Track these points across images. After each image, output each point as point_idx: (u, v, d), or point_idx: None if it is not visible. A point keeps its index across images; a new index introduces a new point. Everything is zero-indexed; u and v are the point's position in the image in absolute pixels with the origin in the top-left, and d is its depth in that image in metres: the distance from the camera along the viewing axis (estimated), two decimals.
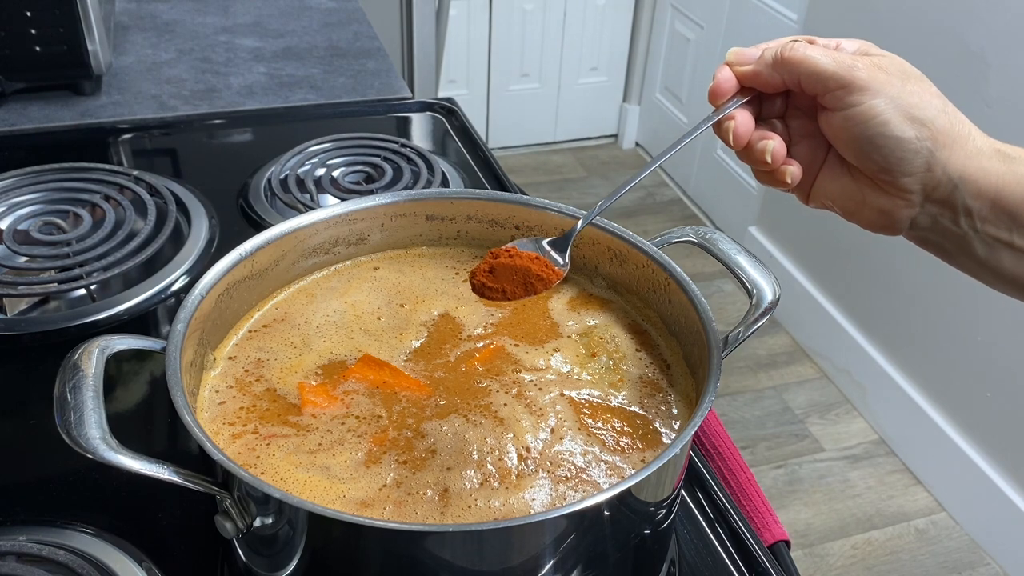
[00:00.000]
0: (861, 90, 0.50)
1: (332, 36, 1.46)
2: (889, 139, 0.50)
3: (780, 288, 0.62)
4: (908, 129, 0.50)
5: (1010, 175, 0.50)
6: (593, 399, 0.62)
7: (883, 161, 0.51)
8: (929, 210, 0.52)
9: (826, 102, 0.52)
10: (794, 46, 0.52)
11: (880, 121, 0.50)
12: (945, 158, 0.50)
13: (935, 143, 0.50)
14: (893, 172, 0.51)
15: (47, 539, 0.62)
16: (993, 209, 0.51)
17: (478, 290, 0.63)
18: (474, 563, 0.50)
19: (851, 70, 0.51)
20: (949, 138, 0.50)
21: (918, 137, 0.50)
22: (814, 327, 2.37)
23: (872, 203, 0.54)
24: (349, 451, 0.56)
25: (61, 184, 0.99)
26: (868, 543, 1.90)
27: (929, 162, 0.50)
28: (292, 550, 0.52)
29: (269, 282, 0.69)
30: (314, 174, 1.04)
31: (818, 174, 0.56)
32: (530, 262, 0.62)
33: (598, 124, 3.33)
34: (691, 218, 2.95)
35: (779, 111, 0.57)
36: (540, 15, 3.01)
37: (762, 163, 0.55)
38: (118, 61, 1.34)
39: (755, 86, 0.55)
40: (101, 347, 0.54)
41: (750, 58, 0.55)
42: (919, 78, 0.52)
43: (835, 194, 0.55)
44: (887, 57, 0.52)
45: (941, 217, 0.52)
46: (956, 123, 0.51)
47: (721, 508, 0.69)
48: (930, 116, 0.50)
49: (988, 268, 0.53)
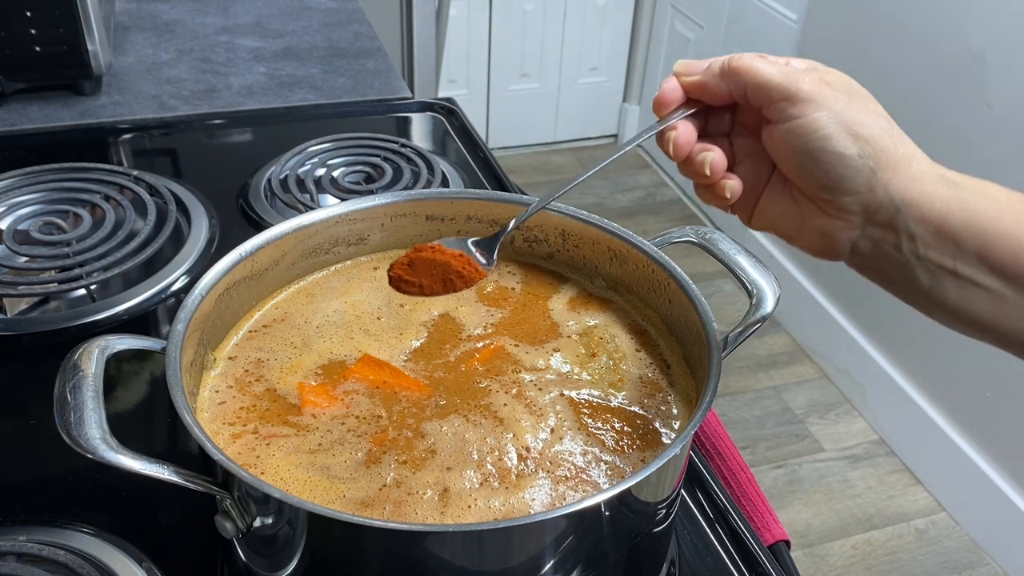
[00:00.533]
0: (804, 102, 0.49)
1: (332, 36, 1.46)
2: (831, 154, 0.49)
3: (780, 288, 0.62)
4: (851, 145, 0.49)
5: (954, 201, 0.49)
6: (593, 399, 0.62)
7: (824, 178, 0.50)
8: (871, 233, 0.51)
9: (770, 114, 0.51)
10: (741, 56, 0.52)
11: (822, 135, 0.49)
12: (887, 179, 0.49)
13: (877, 162, 0.49)
14: (834, 190, 0.50)
15: (47, 539, 0.62)
16: (937, 235, 0.49)
17: (394, 283, 0.62)
18: (474, 563, 0.50)
19: (796, 82, 0.50)
20: (892, 159, 0.49)
21: (860, 155, 0.49)
22: (814, 327, 2.37)
23: (813, 225, 0.53)
24: (349, 451, 0.56)
25: (61, 184, 0.99)
26: (868, 543, 1.90)
27: (871, 182, 0.49)
28: (292, 550, 0.52)
29: (269, 282, 0.69)
30: (314, 174, 1.04)
31: (760, 195, 0.55)
32: (452, 259, 0.62)
33: (598, 124, 3.33)
34: (691, 218, 2.95)
35: (725, 128, 0.56)
36: (540, 15, 3.01)
37: (701, 175, 0.54)
38: (118, 61, 1.34)
39: (701, 97, 0.55)
40: (101, 347, 0.54)
41: (697, 69, 0.54)
42: (866, 97, 0.51)
43: (776, 216, 0.55)
44: (834, 73, 0.51)
45: (883, 242, 0.51)
46: (901, 145, 0.50)
47: (721, 508, 0.69)
48: (874, 134, 0.49)
49: (932, 299, 0.52)
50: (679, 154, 0.54)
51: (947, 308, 0.51)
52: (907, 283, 0.52)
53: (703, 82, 0.54)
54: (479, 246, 0.64)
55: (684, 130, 0.54)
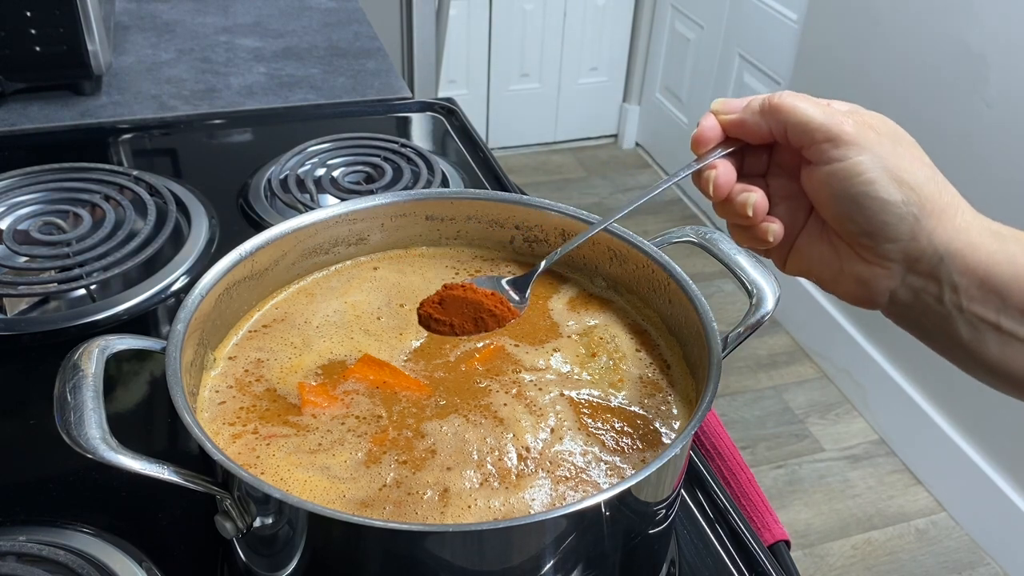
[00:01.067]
0: (848, 144, 0.48)
1: (332, 36, 1.46)
2: (874, 200, 0.48)
3: (780, 288, 0.62)
4: (895, 191, 0.47)
5: (1001, 253, 0.48)
6: (593, 399, 0.62)
7: (865, 224, 0.48)
8: (911, 283, 0.50)
9: (811, 155, 0.50)
10: (783, 94, 0.50)
11: (866, 179, 0.47)
12: (931, 227, 0.48)
13: (922, 210, 0.47)
14: (875, 237, 0.48)
15: (47, 539, 0.62)
16: (981, 288, 0.48)
17: (423, 322, 0.61)
18: (474, 563, 0.50)
19: (840, 124, 0.48)
20: (937, 207, 0.48)
21: (904, 201, 0.47)
22: (814, 327, 2.37)
23: (850, 272, 0.51)
24: (349, 451, 0.56)
25: (61, 184, 0.99)
26: (868, 543, 1.90)
27: (914, 230, 0.48)
28: (292, 550, 0.52)
29: (269, 282, 0.69)
30: (314, 174, 1.04)
31: (796, 239, 0.54)
32: (484, 297, 0.61)
33: (598, 124, 3.33)
34: (691, 218, 2.95)
35: (761, 168, 0.55)
36: (540, 15, 3.01)
37: (743, 216, 0.52)
38: (118, 61, 1.34)
39: (740, 136, 0.53)
40: (101, 347, 0.54)
41: (736, 107, 0.53)
42: (910, 143, 0.50)
43: (813, 260, 0.53)
44: (878, 117, 0.50)
45: (924, 292, 0.50)
46: (945, 193, 0.48)
47: (721, 508, 0.69)
48: (919, 181, 0.48)
49: (971, 352, 0.50)
50: (719, 194, 0.53)
51: (987, 363, 0.50)
52: (946, 335, 0.50)
53: (742, 120, 0.52)
54: (512, 285, 0.63)
55: (724, 170, 0.52)
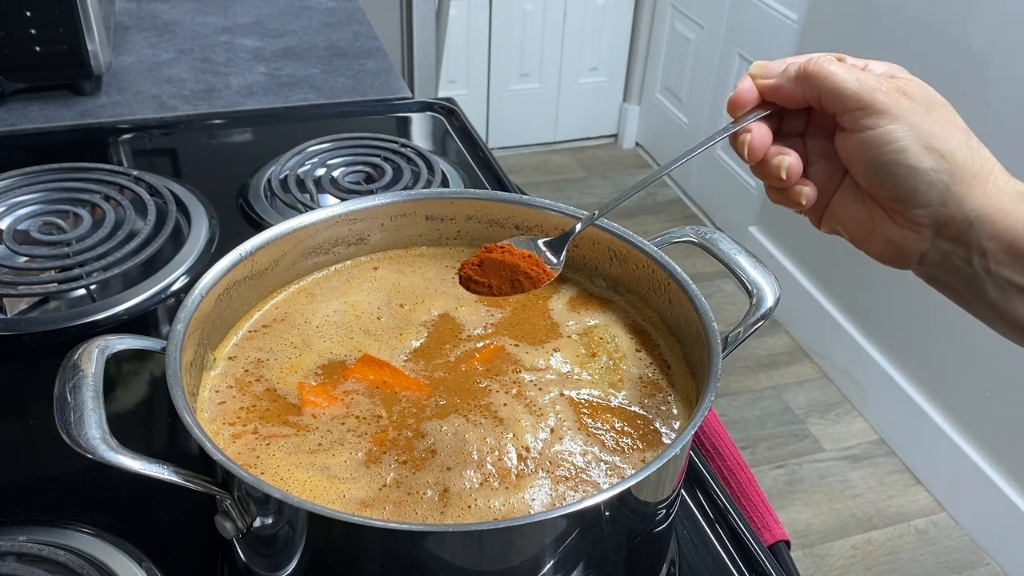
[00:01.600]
0: (880, 113, 0.49)
1: (332, 36, 1.46)
2: (904, 167, 0.48)
3: (780, 288, 0.62)
4: (925, 159, 0.48)
5: None
6: (593, 399, 0.62)
7: (896, 190, 0.49)
8: (940, 246, 0.51)
9: (844, 122, 0.51)
10: (819, 60, 0.51)
11: (897, 148, 0.48)
12: (962, 194, 0.48)
13: (952, 177, 0.48)
14: (905, 202, 0.49)
15: (47, 539, 0.62)
16: (1009, 252, 0.48)
17: (464, 283, 0.62)
18: (474, 563, 0.50)
19: (872, 92, 0.49)
20: (969, 173, 0.48)
21: (935, 169, 0.48)
22: (814, 327, 2.37)
23: (882, 233, 0.52)
24: (349, 451, 0.56)
25: (61, 184, 0.99)
26: (868, 543, 1.90)
27: (944, 196, 0.49)
28: (292, 550, 0.52)
29: (269, 282, 0.69)
30: (314, 174, 1.04)
31: (832, 198, 0.55)
32: (521, 259, 0.61)
33: (598, 124, 3.33)
34: (691, 218, 2.95)
35: (799, 128, 0.55)
36: (540, 15, 3.01)
37: (777, 179, 0.53)
38: (118, 61, 1.34)
39: (776, 100, 0.54)
40: (101, 347, 0.54)
41: (773, 71, 0.53)
42: (944, 107, 0.50)
43: (846, 220, 0.54)
44: (914, 82, 0.50)
45: (952, 255, 0.50)
46: (978, 159, 0.49)
47: (721, 508, 0.69)
48: (951, 148, 0.48)
49: (999, 313, 0.51)
50: (754, 157, 0.54)
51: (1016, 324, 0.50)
52: (975, 296, 0.51)
53: (778, 85, 0.53)
54: (549, 246, 0.63)
55: (759, 132, 0.53)
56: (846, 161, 0.52)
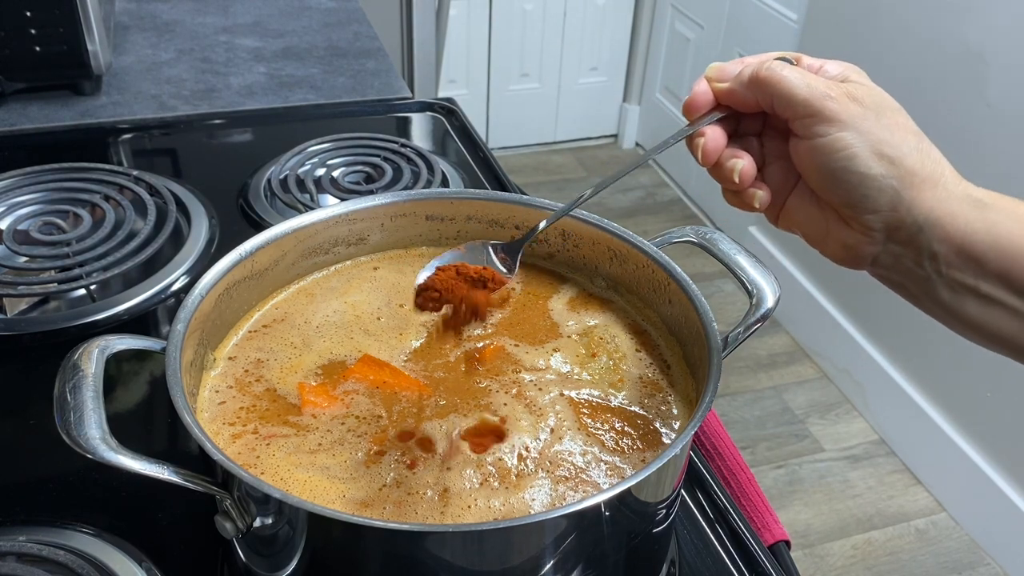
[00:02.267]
0: (829, 120, 0.49)
1: (332, 36, 1.46)
2: (854, 174, 0.49)
3: (780, 288, 0.62)
4: (875, 165, 0.48)
5: (979, 222, 0.48)
6: (593, 399, 0.62)
7: (846, 196, 0.49)
8: (892, 249, 0.51)
9: (795, 128, 0.51)
10: (771, 66, 0.51)
11: (846, 155, 0.48)
12: (912, 198, 0.48)
13: (902, 182, 0.48)
14: (856, 207, 0.50)
15: (47, 539, 0.62)
16: (959, 254, 0.49)
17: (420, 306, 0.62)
18: (474, 563, 0.50)
19: (822, 99, 0.49)
20: (919, 178, 0.48)
21: (884, 175, 0.48)
22: (814, 327, 2.36)
23: (836, 236, 0.52)
24: (349, 451, 0.56)
25: (61, 184, 0.99)
26: (868, 543, 1.90)
27: (894, 201, 0.49)
28: (292, 550, 0.52)
29: (269, 282, 0.69)
30: (314, 174, 1.04)
31: (788, 198, 0.55)
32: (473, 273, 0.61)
33: (598, 124, 3.33)
34: (691, 218, 2.95)
35: (757, 128, 0.55)
36: (540, 15, 3.01)
37: (730, 182, 0.53)
38: (118, 61, 1.34)
39: (730, 104, 0.54)
40: (101, 347, 0.54)
41: (728, 75, 0.53)
42: (895, 111, 0.50)
43: (801, 221, 0.54)
44: (866, 87, 0.50)
45: (904, 258, 0.51)
46: (929, 163, 0.49)
47: (721, 508, 0.69)
48: (901, 154, 0.48)
49: (952, 313, 0.51)
50: (707, 160, 0.54)
51: (968, 323, 0.51)
52: (927, 297, 0.51)
53: (732, 90, 0.53)
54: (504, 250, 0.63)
55: (713, 136, 0.53)
56: (798, 166, 0.52)
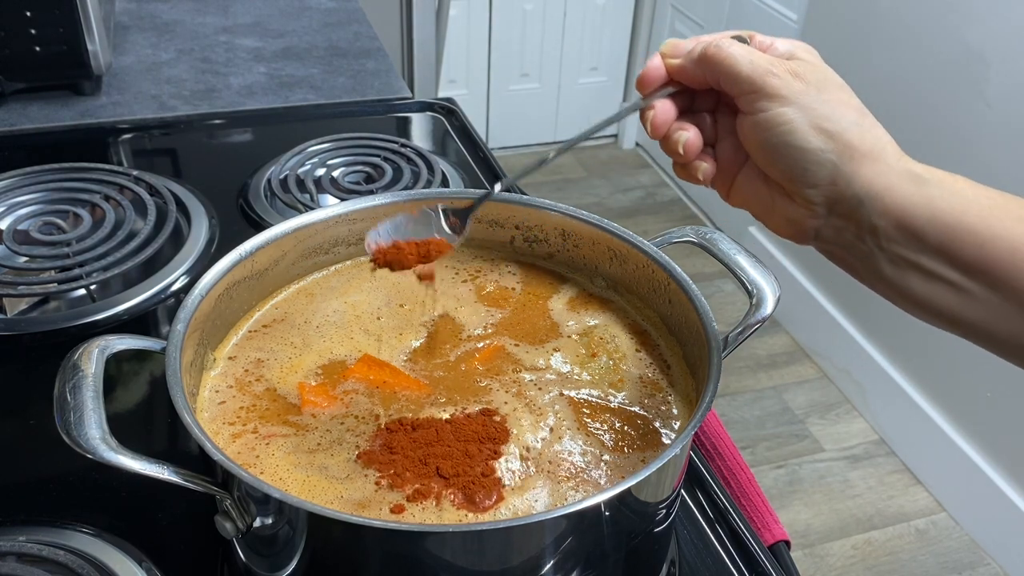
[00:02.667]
0: (770, 96, 0.50)
1: (332, 36, 1.46)
2: (793, 148, 0.50)
3: (780, 288, 0.62)
4: (814, 139, 0.49)
5: (918, 196, 0.49)
6: (593, 399, 0.62)
7: (787, 170, 0.51)
8: (833, 223, 0.51)
9: (740, 104, 0.52)
10: (720, 44, 0.52)
11: (785, 130, 0.50)
12: (851, 172, 0.49)
13: (840, 156, 0.49)
14: (796, 182, 0.51)
15: (47, 539, 0.62)
16: (899, 229, 0.49)
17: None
18: (474, 563, 0.50)
19: (764, 75, 0.50)
20: (858, 153, 0.49)
21: (822, 149, 0.49)
22: (814, 327, 2.36)
23: (780, 210, 0.53)
24: (347, 451, 0.56)
25: (61, 184, 0.99)
26: (868, 543, 1.90)
27: (833, 175, 0.49)
28: (292, 550, 0.52)
29: (269, 282, 0.69)
30: (314, 174, 1.04)
31: (737, 174, 0.56)
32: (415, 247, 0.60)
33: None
34: (691, 218, 2.95)
35: (711, 106, 0.57)
36: (540, 15, 3.01)
37: (676, 154, 0.55)
38: (118, 61, 1.34)
39: (681, 80, 0.55)
40: (101, 347, 0.54)
41: (681, 52, 0.54)
42: (839, 87, 0.51)
43: (749, 196, 0.55)
44: (809, 64, 0.51)
45: (845, 232, 0.51)
46: (869, 138, 0.50)
47: (721, 508, 0.69)
48: (840, 128, 0.49)
49: (896, 289, 0.51)
50: (656, 133, 0.55)
51: (912, 299, 0.51)
52: (871, 272, 0.52)
53: (683, 66, 0.54)
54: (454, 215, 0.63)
55: (662, 109, 0.55)
56: (744, 141, 0.53)
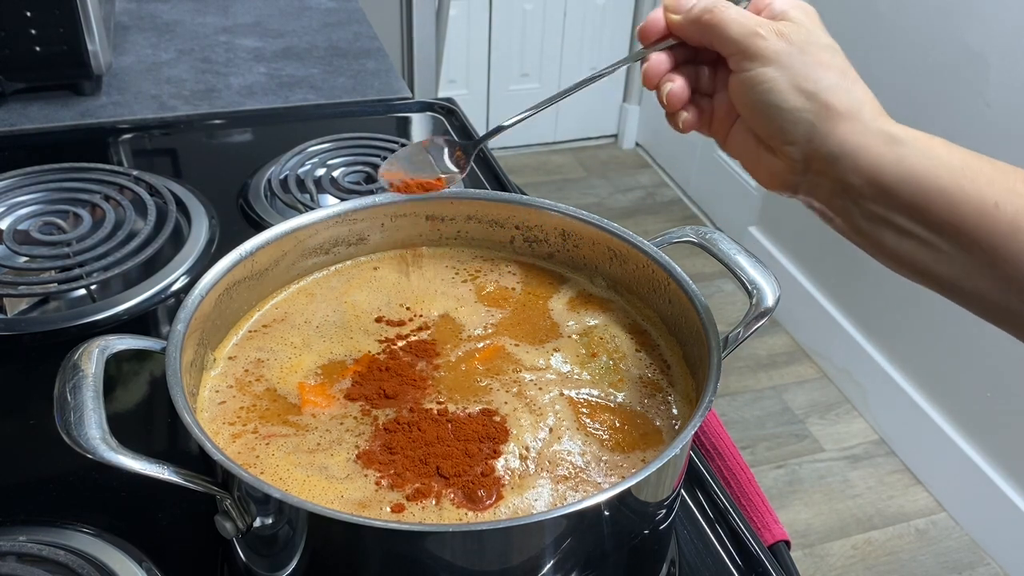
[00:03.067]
0: (754, 57, 0.52)
1: (332, 36, 1.46)
2: (772, 107, 0.52)
3: (780, 288, 0.62)
4: (792, 99, 0.52)
5: (890, 155, 0.51)
6: (593, 399, 0.62)
7: (768, 127, 0.53)
8: (812, 179, 0.54)
9: (730, 64, 0.55)
10: (715, 6, 0.54)
11: (765, 88, 0.52)
12: (827, 131, 0.51)
13: (818, 116, 0.51)
14: (775, 139, 0.53)
15: (47, 539, 0.62)
16: (871, 187, 0.51)
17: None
18: (474, 563, 0.50)
19: (751, 36, 0.53)
20: (835, 112, 0.51)
21: (799, 108, 0.52)
22: (814, 327, 2.36)
23: (765, 164, 0.56)
24: (347, 451, 0.56)
25: (61, 184, 0.99)
26: (868, 543, 1.90)
27: (810, 133, 0.52)
28: (292, 550, 0.52)
29: (269, 282, 0.69)
30: (314, 174, 1.04)
31: (732, 125, 0.58)
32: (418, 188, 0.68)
33: (598, 124, 3.32)
34: (691, 218, 2.94)
35: (712, 57, 0.59)
36: (540, 15, 3.01)
37: (661, 103, 0.58)
38: (118, 61, 1.34)
39: (680, 37, 0.57)
40: (101, 347, 0.54)
41: (682, 8, 0.57)
42: (823, 48, 0.53)
43: (740, 148, 0.58)
44: (796, 25, 0.54)
45: (822, 187, 0.54)
46: (848, 99, 0.52)
47: (721, 508, 0.69)
48: (819, 89, 0.51)
49: (873, 243, 0.54)
50: (648, 82, 0.59)
51: (888, 254, 0.53)
52: (848, 227, 0.54)
53: (681, 24, 0.57)
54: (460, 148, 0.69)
55: (656, 60, 0.58)
56: (733, 98, 0.56)
